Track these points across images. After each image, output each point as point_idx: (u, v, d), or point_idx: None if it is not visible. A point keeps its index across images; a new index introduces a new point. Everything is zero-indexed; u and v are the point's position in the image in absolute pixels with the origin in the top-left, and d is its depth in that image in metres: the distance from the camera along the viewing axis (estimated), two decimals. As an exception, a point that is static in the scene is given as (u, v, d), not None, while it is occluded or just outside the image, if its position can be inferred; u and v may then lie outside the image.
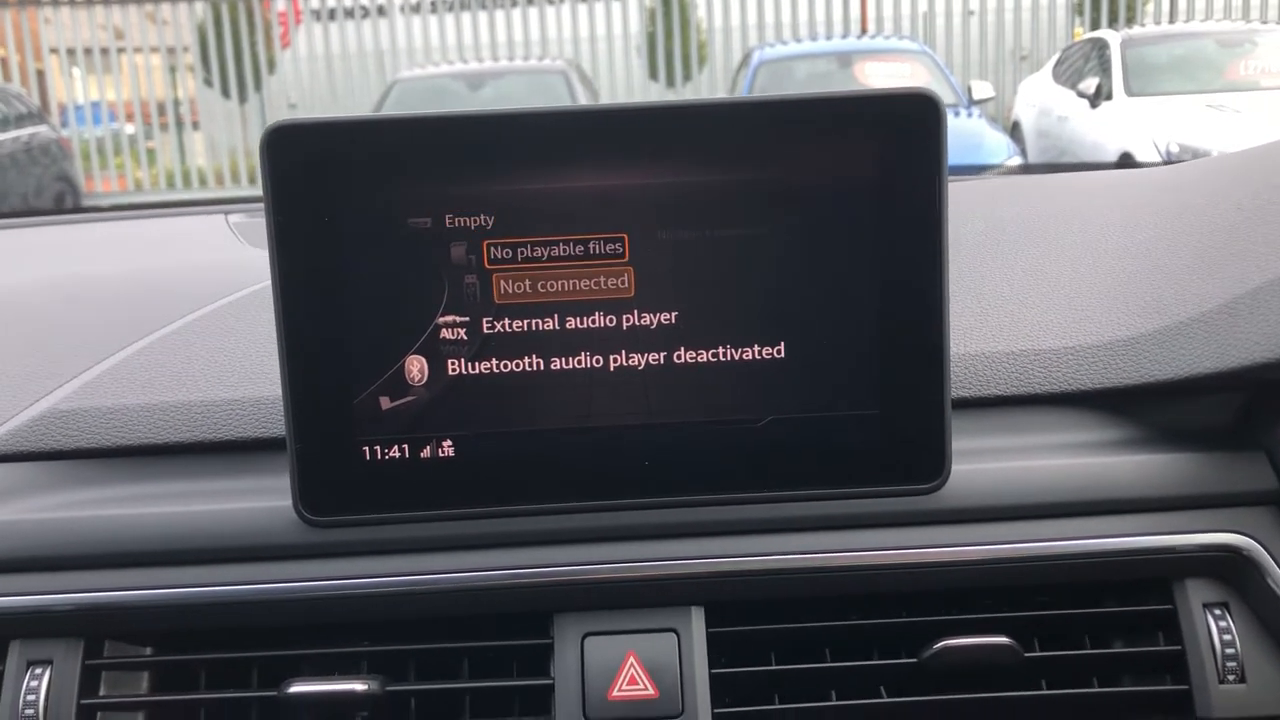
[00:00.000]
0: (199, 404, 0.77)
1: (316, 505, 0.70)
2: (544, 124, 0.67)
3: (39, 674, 0.71)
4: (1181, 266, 0.81)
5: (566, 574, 0.72)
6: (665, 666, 0.71)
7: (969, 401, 0.77)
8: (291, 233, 0.67)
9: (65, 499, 0.75)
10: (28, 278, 0.99)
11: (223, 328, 0.84)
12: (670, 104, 0.68)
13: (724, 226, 0.68)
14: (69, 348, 0.84)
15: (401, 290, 0.68)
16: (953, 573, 0.73)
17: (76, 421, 0.77)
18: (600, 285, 0.69)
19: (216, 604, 0.72)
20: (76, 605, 0.72)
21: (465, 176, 0.67)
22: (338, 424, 0.69)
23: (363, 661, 0.74)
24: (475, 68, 9.84)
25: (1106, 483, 0.74)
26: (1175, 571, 0.74)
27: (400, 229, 0.68)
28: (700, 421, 0.70)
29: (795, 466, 0.71)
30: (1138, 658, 0.74)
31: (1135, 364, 0.76)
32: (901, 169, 0.67)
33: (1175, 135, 6.50)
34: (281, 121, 0.67)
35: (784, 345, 0.69)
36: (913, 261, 0.68)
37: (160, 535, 0.73)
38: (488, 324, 0.69)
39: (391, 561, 0.72)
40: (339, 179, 0.67)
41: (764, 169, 0.68)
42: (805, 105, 0.68)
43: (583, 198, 0.68)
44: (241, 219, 1.22)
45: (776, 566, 0.72)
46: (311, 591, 0.72)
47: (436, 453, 0.70)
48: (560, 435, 0.70)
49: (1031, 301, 0.82)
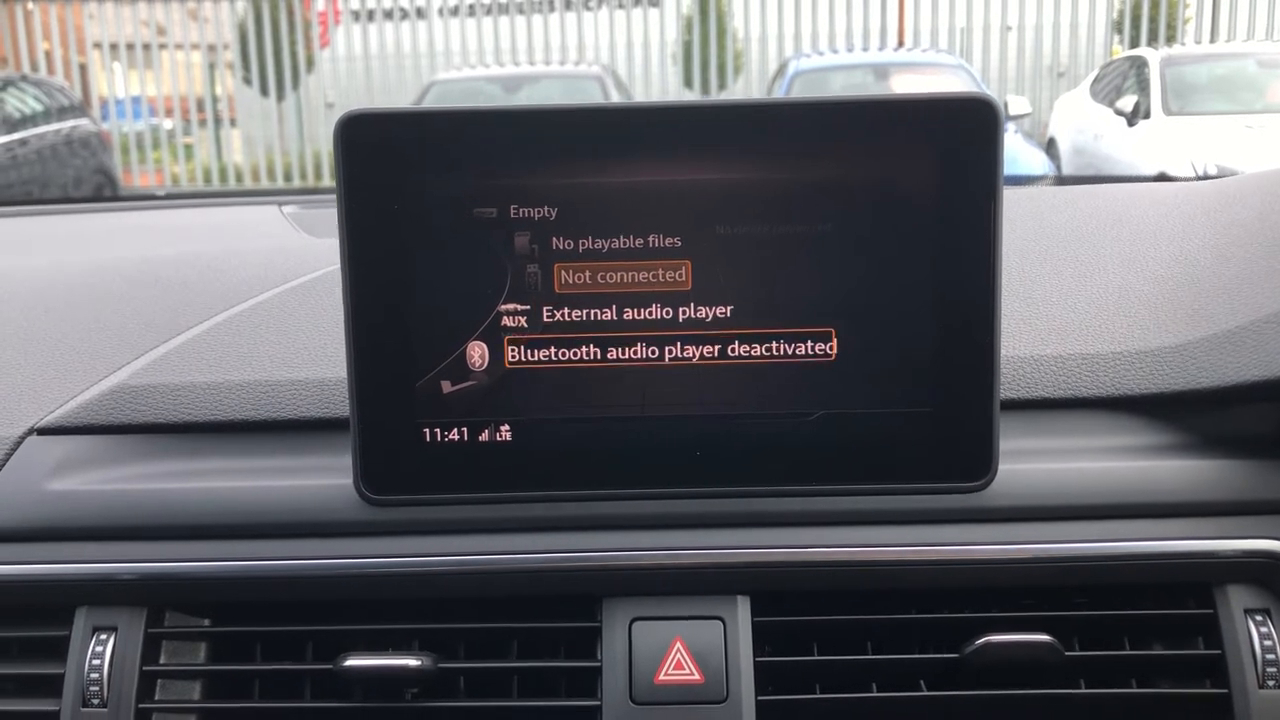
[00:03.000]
0: (264, 383, 0.80)
1: (376, 484, 0.72)
2: (609, 119, 0.69)
3: (104, 640, 0.74)
4: (1230, 277, 0.82)
5: (616, 559, 0.74)
6: (711, 653, 0.73)
7: (1016, 403, 0.78)
8: (362, 218, 0.69)
9: (132, 472, 0.77)
10: (91, 260, 1.01)
11: (287, 311, 0.86)
12: (733, 102, 0.70)
13: (781, 224, 0.70)
14: (138, 327, 0.86)
15: (465, 278, 0.70)
16: (996, 571, 0.74)
17: (145, 397, 0.79)
18: (658, 278, 0.70)
19: (275, 578, 0.74)
20: (141, 575, 0.74)
21: (531, 169, 0.69)
22: (399, 406, 0.71)
23: (415, 639, 0.75)
24: (511, 71, 9.91)
25: (1150, 487, 0.75)
26: (1216, 576, 0.74)
27: (467, 218, 0.70)
28: (753, 414, 0.72)
29: (845, 461, 0.72)
30: (1177, 660, 0.75)
31: (1181, 370, 0.77)
32: (958, 172, 0.69)
33: (1212, 156, 6.45)
34: (356, 110, 0.69)
35: (837, 342, 0.71)
36: (967, 263, 0.70)
37: (223, 510, 0.75)
38: (548, 313, 0.71)
39: (447, 541, 0.74)
40: (409, 167, 0.69)
41: (823, 168, 0.69)
42: (866, 107, 0.69)
43: (644, 193, 0.70)
44: (295, 209, 1.25)
45: (822, 559, 0.74)
46: (368, 568, 0.74)
47: (494, 437, 0.72)
48: (615, 423, 0.72)
49: (1079, 306, 0.83)
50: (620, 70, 11.11)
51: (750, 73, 11.89)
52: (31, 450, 0.79)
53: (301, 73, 11.91)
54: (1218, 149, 6.52)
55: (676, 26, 12.03)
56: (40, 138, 7.87)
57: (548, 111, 0.69)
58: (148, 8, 12.18)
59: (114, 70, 12.29)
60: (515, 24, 11.89)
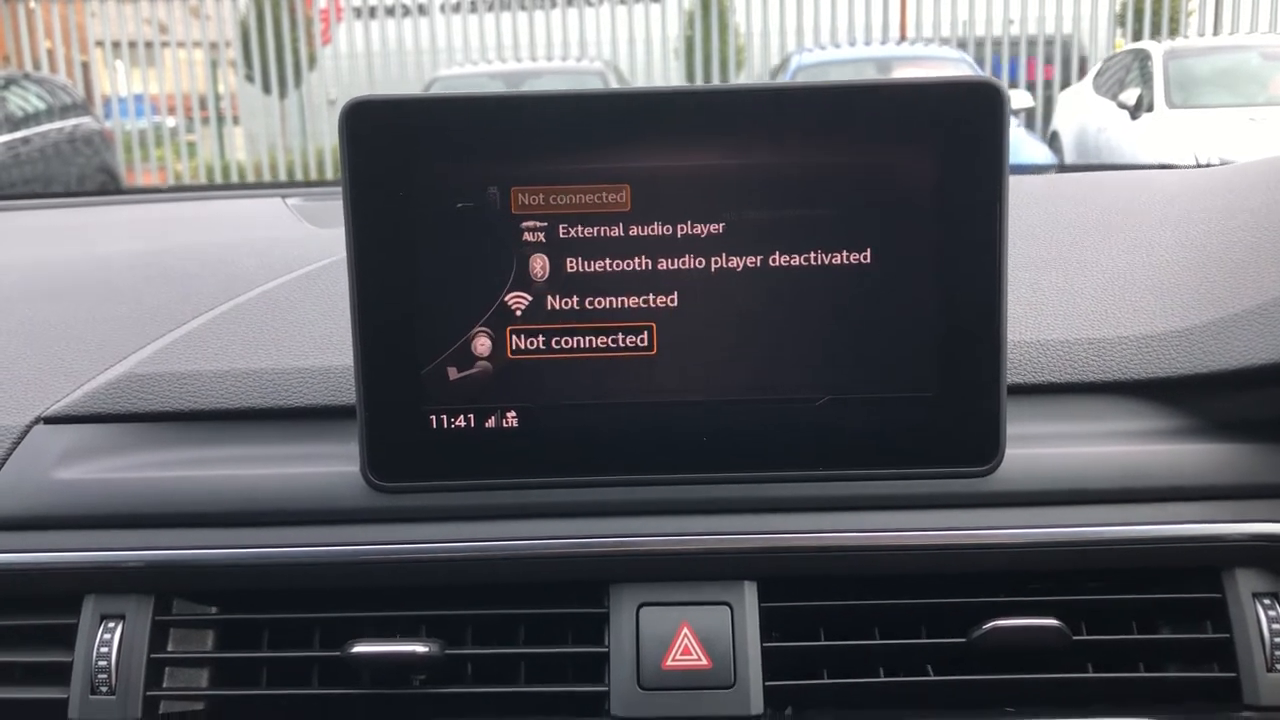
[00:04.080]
0: (270, 371, 0.80)
1: (384, 471, 0.72)
2: (614, 105, 0.69)
3: (112, 628, 0.74)
4: (1235, 261, 0.82)
5: (623, 545, 0.74)
6: (718, 638, 0.73)
7: (1023, 388, 0.78)
8: (367, 205, 0.69)
9: (139, 460, 0.77)
10: (97, 252, 1.02)
11: (292, 300, 0.86)
12: (740, 87, 0.70)
13: (788, 208, 0.70)
14: (143, 316, 0.86)
15: (472, 265, 0.70)
16: (1003, 555, 0.74)
17: (152, 385, 0.79)
18: (663, 265, 0.70)
19: (283, 565, 0.74)
20: (148, 563, 0.74)
21: (537, 156, 0.69)
22: (406, 393, 0.71)
23: (422, 626, 0.75)
24: (513, 67, 9.91)
25: (1157, 471, 0.75)
26: (1224, 560, 0.74)
27: (472, 206, 0.69)
28: (759, 400, 0.72)
29: (851, 446, 0.72)
30: (1185, 644, 0.75)
31: (1188, 354, 0.77)
32: (964, 156, 0.69)
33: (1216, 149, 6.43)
34: (361, 97, 0.69)
35: (843, 326, 0.71)
36: (972, 247, 0.69)
37: (230, 497, 0.75)
38: (553, 301, 0.71)
39: (454, 528, 0.74)
40: (415, 154, 0.69)
41: (829, 153, 0.69)
42: (871, 91, 0.69)
43: (653, 179, 0.69)
44: (299, 201, 1.25)
45: (829, 544, 0.74)
46: (376, 555, 0.74)
47: (501, 423, 0.72)
48: (621, 409, 0.72)
49: (1086, 291, 0.83)
50: (622, 66, 11.11)
51: (752, 67, 11.86)
52: (38, 439, 0.79)
53: (304, 70, 11.91)
54: (1221, 142, 6.50)
55: (678, 22, 12.02)
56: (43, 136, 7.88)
57: (553, 98, 0.69)
58: (150, 6, 12.18)
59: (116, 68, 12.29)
60: (517, 20, 11.88)
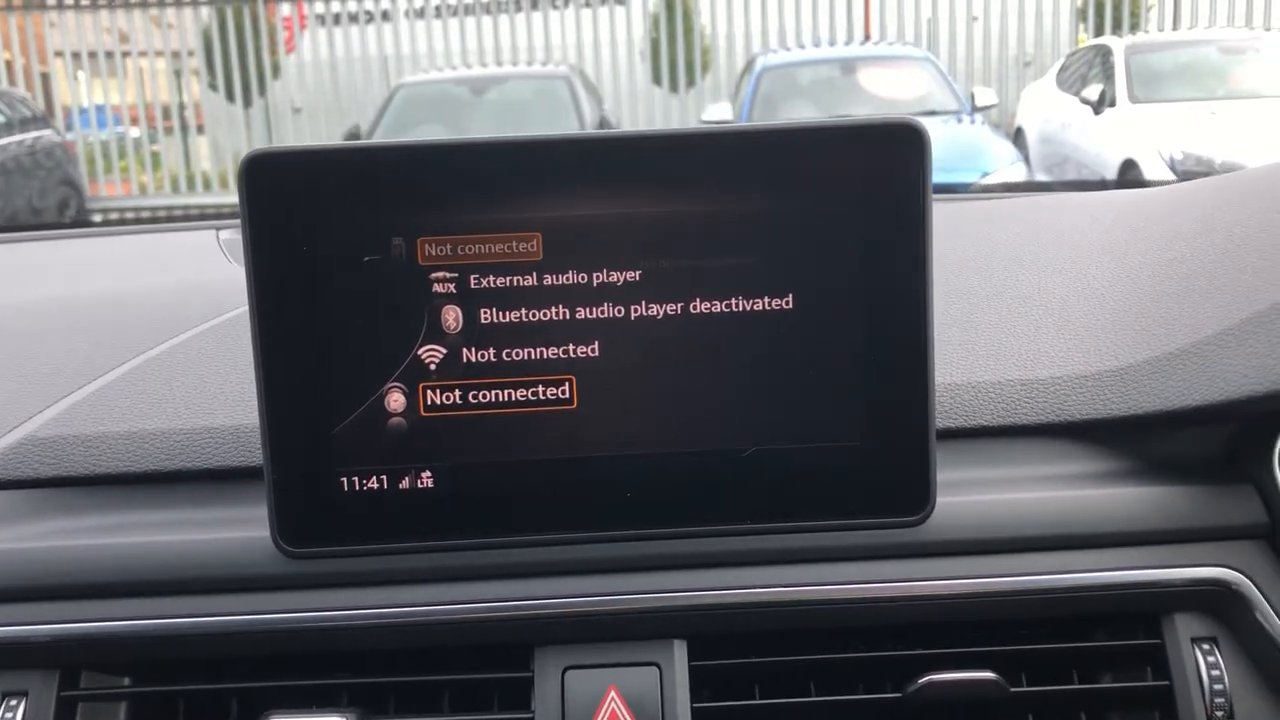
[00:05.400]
0: (179, 431, 0.77)
1: (294, 536, 0.69)
2: (522, 153, 0.67)
3: (14, 705, 0.71)
4: (1171, 294, 0.80)
5: (546, 607, 0.71)
6: (647, 700, 0.70)
7: (955, 432, 0.76)
8: (269, 262, 0.67)
9: (43, 528, 0.74)
10: (12, 299, 0.98)
11: (205, 354, 0.83)
12: (653, 133, 0.67)
13: (709, 256, 0.68)
14: (49, 372, 0.83)
15: (381, 320, 0.67)
16: (938, 606, 0.72)
17: (56, 449, 0.76)
18: (581, 315, 0.68)
19: (195, 634, 0.72)
20: (53, 636, 0.71)
21: (445, 206, 0.67)
22: (316, 454, 0.68)
23: (343, 693, 0.73)
24: (479, 73, 9.86)
25: (1094, 516, 0.73)
26: (1163, 606, 0.73)
27: (379, 259, 0.67)
28: (685, 452, 0.69)
29: (779, 498, 0.70)
30: (1126, 693, 0.73)
31: (1123, 395, 0.76)
32: (885, 200, 0.67)
33: (1179, 142, 6.49)
34: (258, 150, 0.66)
35: (768, 374, 0.69)
36: (897, 293, 0.68)
37: (139, 565, 0.72)
38: (467, 355, 0.68)
39: (371, 593, 0.72)
40: (316, 208, 0.66)
41: (747, 200, 0.67)
42: (788, 134, 0.67)
43: (565, 227, 0.67)
44: (232, 235, 1.22)
45: (759, 599, 0.72)
46: (290, 623, 0.71)
47: (415, 483, 0.69)
48: (541, 466, 0.69)
49: (1020, 329, 0.81)
50: (588, 69, 11.07)
51: (718, 69, 11.88)
52: None
53: (268, 78, 11.82)
54: (1183, 135, 6.56)
55: (643, 24, 12.01)
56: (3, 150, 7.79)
57: (459, 146, 0.67)
58: (110, 15, 12.06)
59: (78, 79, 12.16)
60: (482, 25, 11.84)
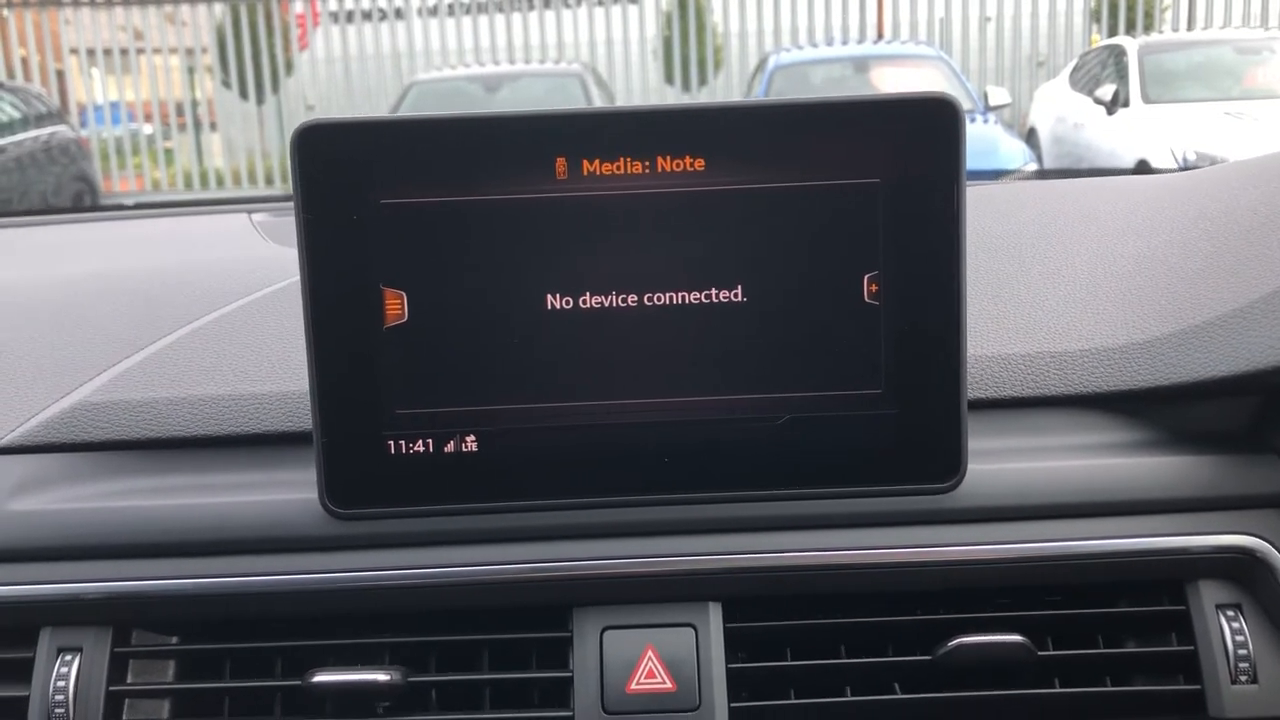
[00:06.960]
0: (227, 398, 0.79)
1: (342, 498, 0.71)
2: (572, 123, 0.68)
3: (69, 661, 0.73)
4: (1196, 271, 0.82)
5: (586, 568, 0.73)
6: (683, 660, 0.72)
7: (985, 403, 0.78)
8: (320, 230, 0.68)
9: (96, 490, 0.77)
10: (58, 274, 1.00)
11: (250, 323, 0.85)
12: (693, 107, 0.69)
13: (745, 226, 0.69)
14: (100, 342, 0.85)
15: None
16: (967, 572, 0.74)
17: (107, 414, 0.78)
18: (620, 283, 0.70)
19: (242, 595, 0.74)
20: (106, 594, 0.73)
21: (496, 177, 0.69)
22: (363, 419, 0.70)
23: (385, 653, 0.75)
24: (492, 70, 9.87)
25: (1120, 484, 0.75)
26: (1188, 573, 0.74)
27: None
28: (720, 419, 0.71)
29: (813, 465, 0.72)
30: (1150, 658, 0.75)
31: (1150, 367, 0.77)
32: (920, 172, 0.68)
33: (1192, 143, 6.47)
34: (311, 120, 0.68)
35: (804, 345, 0.70)
36: (931, 264, 0.69)
37: (188, 526, 0.74)
38: None
39: (414, 554, 0.74)
40: (368, 177, 0.68)
41: (783, 172, 0.69)
42: (825, 108, 0.69)
43: (598, 200, 0.69)
44: (265, 217, 1.24)
45: (793, 564, 0.73)
46: (336, 583, 0.73)
47: (460, 447, 0.71)
48: (582, 431, 0.71)
49: (1048, 305, 0.83)
50: (600, 68, 11.09)
51: (730, 68, 11.87)
52: None
53: (281, 75, 11.85)
54: (1197, 136, 6.53)
55: (656, 23, 12.01)
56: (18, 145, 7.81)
57: (507, 118, 0.68)
58: (124, 12, 12.10)
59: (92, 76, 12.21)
60: (495, 23, 11.85)
